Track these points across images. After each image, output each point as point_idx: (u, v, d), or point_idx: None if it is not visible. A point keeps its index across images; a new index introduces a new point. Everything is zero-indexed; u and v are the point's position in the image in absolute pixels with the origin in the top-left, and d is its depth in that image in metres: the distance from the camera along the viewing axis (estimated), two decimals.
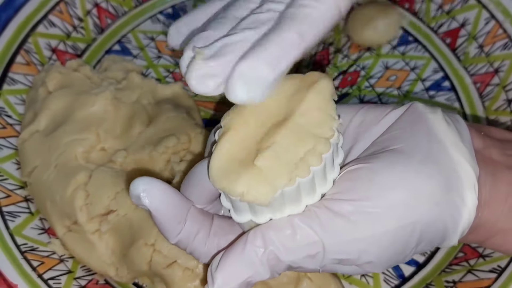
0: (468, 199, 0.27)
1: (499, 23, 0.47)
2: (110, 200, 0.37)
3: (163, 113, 0.43)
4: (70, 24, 0.50)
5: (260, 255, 0.25)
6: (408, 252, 0.28)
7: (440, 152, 0.27)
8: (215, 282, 0.25)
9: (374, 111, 0.30)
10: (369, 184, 0.26)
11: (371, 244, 0.26)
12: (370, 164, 0.27)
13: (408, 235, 0.26)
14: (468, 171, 0.27)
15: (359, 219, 0.25)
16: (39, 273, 0.37)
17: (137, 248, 0.36)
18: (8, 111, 0.44)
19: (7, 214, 0.39)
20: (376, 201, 0.26)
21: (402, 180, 0.26)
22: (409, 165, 0.26)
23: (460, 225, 0.27)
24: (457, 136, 0.28)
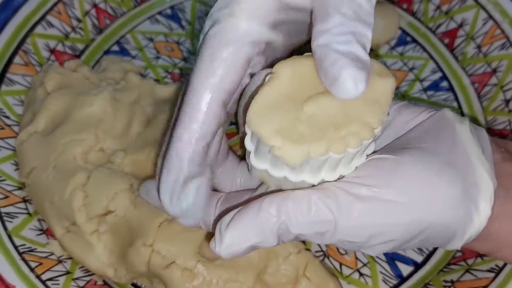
0: (482, 209, 0.27)
1: (497, 24, 0.47)
2: (109, 200, 0.37)
3: (161, 113, 0.43)
4: (68, 24, 0.50)
5: (272, 224, 0.26)
6: (411, 245, 0.28)
7: (463, 160, 0.28)
8: (223, 241, 0.26)
9: (406, 109, 0.31)
10: (392, 174, 0.26)
11: (381, 232, 0.26)
12: (395, 156, 0.27)
13: (417, 231, 0.27)
14: (487, 182, 0.28)
15: (376, 206, 0.26)
16: (37, 274, 0.37)
17: (135, 249, 0.36)
18: (6, 112, 0.44)
19: (5, 215, 0.39)
20: (395, 192, 0.26)
21: (424, 178, 0.26)
22: (433, 165, 0.27)
23: (469, 232, 0.28)
24: (480, 149, 0.29)
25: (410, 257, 0.41)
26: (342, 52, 0.24)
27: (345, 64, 0.24)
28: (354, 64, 0.24)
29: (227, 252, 0.26)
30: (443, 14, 0.51)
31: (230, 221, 0.26)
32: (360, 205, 0.26)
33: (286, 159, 0.24)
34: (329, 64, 0.24)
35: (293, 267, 0.37)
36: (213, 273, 0.36)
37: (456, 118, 0.30)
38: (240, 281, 0.36)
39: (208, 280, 0.36)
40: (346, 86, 0.24)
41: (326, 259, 0.41)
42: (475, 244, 0.30)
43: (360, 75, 0.24)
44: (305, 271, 0.37)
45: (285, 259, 0.37)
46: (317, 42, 0.25)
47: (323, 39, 0.25)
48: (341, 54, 0.24)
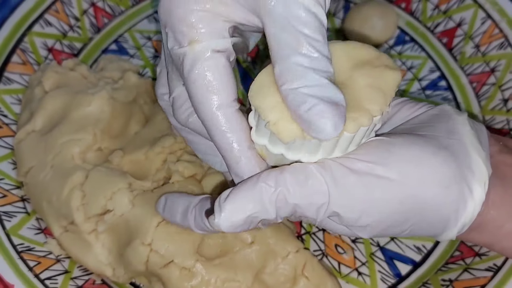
0: (476, 192, 0.28)
1: (495, 23, 0.47)
2: (107, 200, 0.37)
3: (159, 113, 0.43)
4: (66, 23, 0.49)
5: (270, 194, 0.26)
6: (406, 227, 0.28)
7: (459, 147, 0.28)
8: (222, 212, 0.26)
9: (406, 105, 0.31)
10: (387, 153, 0.27)
11: (374, 208, 0.27)
12: (391, 138, 0.28)
13: (411, 209, 0.27)
14: (482, 168, 0.28)
15: (370, 181, 0.26)
16: (35, 273, 0.37)
17: (133, 248, 0.36)
18: (4, 111, 0.44)
19: (3, 214, 0.39)
20: (390, 169, 0.26)
21: (419, 157, 0.27)
22: (428, 147, 0.27)
23: (463, 216, 0.28)
24: (476, 139, 0.29)
25: (409, 256, 0.41)
26: (317, 96, 0.24)
27: (322, 110, 0.24)
28: (331, 109, 0.24)
29: (227, 223, 0.26)
30: (441, 13, 0.51)
31: (228, 194, 0.27)
32: (354, 177, 0.26)
33: (280, 135, 0.25)
34: (305, 110, 0.24)
35: (292, 266, 0.37)
36: (212, 273, 0.36)
37: (455, 111, 0.31)
38: (238, 280, 0.36)
39: (206, 280, 0.36)
40: (325, 130, 0.24)
41: (325, 258, 0.41)
42: (472, 235, 0.30)
43: (338, 119, 0.24)
44: (303, 270, 0.37)
45: (283, 258, 0.37)
46: (286, 86, 0.25)
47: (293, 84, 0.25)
48: (316, 98, 0.24)
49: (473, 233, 0.30)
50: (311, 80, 0.25)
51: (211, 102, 0.27)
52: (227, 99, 0.28)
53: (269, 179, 0.26)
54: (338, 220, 0.28)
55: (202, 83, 0.27)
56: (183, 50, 0.27)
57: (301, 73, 0.25)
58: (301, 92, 0.25)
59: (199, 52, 0.27)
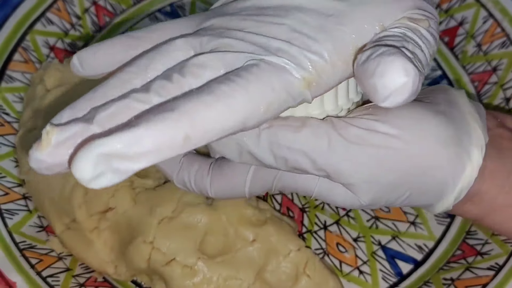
0: (474, 155, 0.28)
1: (497, 22, 0.47)
2: (109, 197, 0.37)
3: None
4: (68, 21, 0.49)
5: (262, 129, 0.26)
6: (403, 191, 0.28)
7: (457, 113, 0.29)
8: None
9: None
10: (387, 111, 0.27)
11: (372, 163, 0.26)
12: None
13: (409, 168, 0.27)
14: (479, 134, 0.29)
15: (370, 135, 0.26)
16: (37, 270, 0.37)
17: (135, 246, 0.36)
18: (6, 109, 0.44)
19: (5, 211, 0.39)
20: (390, 125, 0.27)
21: (419, 116, 0.27)
22: (428, 110, 0.28)
23: (460, 181, 0.28)
24: (474, 110, 0.30)
25: (410, 255, 0.41)
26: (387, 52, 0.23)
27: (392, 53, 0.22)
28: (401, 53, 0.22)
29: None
30: (443, 12, 0.51)
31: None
32: (355, 130, 0.26)
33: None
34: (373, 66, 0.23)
35: (293, 264, 0.37)
36: (214, 270, 0.36)
37: (453, 88, 0.32)
38: (240, 278, 0.36)
39: (208, 277, 0.36)
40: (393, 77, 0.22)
41: (326, 256, 0.41)
42: (466, 207, 0.30)
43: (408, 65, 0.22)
44: (305, 268, 0.37)
45: (285, 256, 0.37)
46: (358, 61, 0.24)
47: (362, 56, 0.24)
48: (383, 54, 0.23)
49: (469, 203, 0.30)
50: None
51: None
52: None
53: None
54: (336, 178, 0.27)
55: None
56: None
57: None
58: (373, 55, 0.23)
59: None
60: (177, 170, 0.31)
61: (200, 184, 0.30)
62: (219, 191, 0.30)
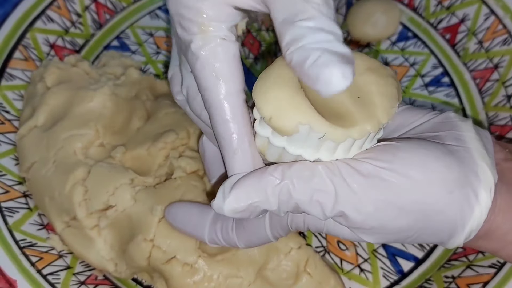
0: (482, 197, 0.27)
1: (499, 19, 0.47)
2: (109, 195, 0.37)
3: (161, 108, 0.43)
4: (68, 19, 0.49)
5: (274, 185, 0.26)
6: (411, 233, 0.28)
7: (464, 152, 0.28)
8: (226, 198, 0.27)
9: (410, 112, 0.31)
10: (392, 157, 0.27)
11: (379, 210, 0.26)
12: (396, 143, 0.28)
13: (415, 213, 0.27)
14: (487, 174, 0.28)
15: (376, 183, 0.26)
16: (38, 268, 0.37)
17: (136, 244, 0.36)
18: (6, 107, 0.44)
19: (6, 209, 0.39)
20: (395, 172, 0.26)
21: (423, 161, 0.27)
22: (432, 152, 0.27)
23: (469, 222, 0.27)
24: (482, 145, 0.29)
25: (411, 253, 0.41)
26: (321, 49, 0.23)
27: (327, 59, 0.23)
28: (337, 58, 0.23)
29: (229, 207, 0.27)
30: (444, 9, 0.51)
31: (235, 182, 0.27)
32: (360, 179, 0.26)
33: (278, 129, 0.25)
34: (309, 64, 0.23)
35: (294, 262, 0.37)
36: (214, 269, 0.36)
37: (459, 118, 0.30)
38: (241, 276, 0.36)
39: (208, 276, 0.36)
40: (332, 80, 0.22)
41: (327, 254, 0.41)
42: (479, 243, 0.30)
43: (346, 68, 0.23)
44: (306, 266, 0.37)
45: (286, 255, 0.37)
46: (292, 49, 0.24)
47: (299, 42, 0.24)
48: (319, 50, 0.23)
49: (481, 240, 0.29)
50: (316, 37, 0.24)
51: (218, 89, 0.28)
52: (234, 88, 0.28)
53: (276, 172, 0.27)
54: (344, 221, 0.27)
55: (210, 70, 0.27)
56: (191, 38, 0.28)
57: (306, 32, 0.24)
58: (304, 48, 0.24)
59: (208, 39, 0.27)
60: (206, 232, 0.32)
61: (228, 240, 0.32)
62: (248, 243, 0.32)
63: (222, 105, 0.28)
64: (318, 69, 0.23)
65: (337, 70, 0.22)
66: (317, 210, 0.27)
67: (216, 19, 0.28)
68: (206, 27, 0.27)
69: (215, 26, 0.28)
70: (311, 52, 0.23)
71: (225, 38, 0.28)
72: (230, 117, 0.28)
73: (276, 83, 0.26)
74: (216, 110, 0.28)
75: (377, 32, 0.50)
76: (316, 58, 0.23)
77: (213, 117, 0.28)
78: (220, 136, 0.28)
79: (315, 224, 0.30)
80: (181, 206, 0.34)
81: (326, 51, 0.23)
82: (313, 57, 0.23)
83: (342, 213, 0.27)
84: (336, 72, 0.22)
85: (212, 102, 0.28)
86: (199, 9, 0.27)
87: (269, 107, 0.25)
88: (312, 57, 0.23)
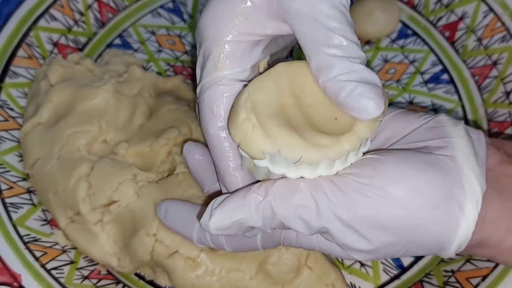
0: (468, 211, 0.27)
1: (498, 16, 0.48)
2: (112, 191, 0.38)
3: (164, 105, 0.43)
4: (71, 18, 0.50)
5: (257, 203, 0.27)
6: (399, 248, 0.28)
7: (450, 162, 0.28)
8: (212, 215, 0.28)
9: (402, 117, 0.31)
10: (374, 171, 0.27)
11: (361, 226, 0.27)
12: (380, 156, 0.28)
13: (400, 229, 0.27)
14: (474, 186, 0.27)
15: (357, 199, 0.26)
16: (42, 263, 0.38)
17: (139, 238, 0.36)
18: (10, 104, 0.44)
19: (10, 205, 0.40)
20: (376, 187, 0.26)
21: (404, 176, 0.27)
22: (416, 165, 0.27)
23: (457, 236, 0.27)
24: (471, 152, 0.28)
25: None
26: (354, 80, 0.26)
27: (363, 91, 0.25)
28: (371, 88, 0.25)
29: (214, 225, 0.28)
30: (443, 7, 0.51)
31: (221, 200, 0.28)
32: (341, 195, 0.26)
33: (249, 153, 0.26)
34: (345, 95, 0.26)
35: (295, 257, 0.37)
36: (216, 263, 0.36)
37: (450, 122, 0.30)
38: (242, 270, 0.37)
39: (211, 269, 0.36)
40: (368, 109, 0.25)
41: None
42: (473, 251, 0.30)
43: (379, 98, 0.25)
44: (306, 260, 0.37)
45: (287, 249, 0.37)
46: (324, 78, 0.26)
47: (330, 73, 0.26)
48: (354, 82, 0.25)
49: (475, 248, 0.29)
50: (346, 67, 0.26)
51: (213, 123, 0.29)
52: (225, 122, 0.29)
53: (260, 190, 0.28)
54: (330, 238, 0.28)
55: (208, 106, 0.29)
56: (204, 70, 0.29)
57: (335, 62, 0.26)
58: (338, 80, 0.26)
59: (216, 76, 0.29)
60: (195, 232, 0.33)
61: (217, 242, 0.32)
62: (236, 249, 0.32)
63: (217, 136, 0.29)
64: (354, 100, 0.25)
65: (372, 101, 0.25)
66: (301, 226, 0.27)
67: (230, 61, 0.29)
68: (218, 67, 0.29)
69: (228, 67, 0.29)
70: (346, 84, 0.26)
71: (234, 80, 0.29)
72: (226, 146, 0.29)
73: (247, 109, 0.27)
74: (211, 140, 0.30)
75: (377, 30, 0.50)
76: (351, 90, 0.25)
77: (209, 145, 0.30)
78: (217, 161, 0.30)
79: (308, 242, 0.30)
80: (172, 204, 0.35)
81: (360, 83, 0.25)
82: (348, 89, 0.25)
83: (326, 229, 0.27)
84: (372, 103, 0.25)
85: (207, 132, 0.30)
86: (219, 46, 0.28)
87: (237, 135, 0.27)
88: (346, 89, 0.26)
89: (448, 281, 0.39)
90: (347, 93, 0.25)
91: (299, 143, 0.26)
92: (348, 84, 0.25)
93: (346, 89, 0.25)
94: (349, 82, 0.25)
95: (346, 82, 0.26)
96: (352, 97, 0.25)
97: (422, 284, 0.40)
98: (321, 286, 0.37)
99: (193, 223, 0.33)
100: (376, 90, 0.25)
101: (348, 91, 0.25)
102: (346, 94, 0.25)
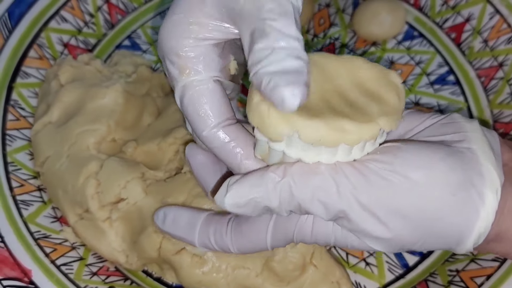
0: (487, 199, 0.27)
1: (504, 18, 0.48)
2: (121, 188, 0.38)
3: (171, 105, 0.44)
4: (81, 19, 0.51)
5: (276, 183, 0.27)
6: (416, 239, 0.27)
7: (468, 153, 0.28)
8: (228, 191, 0.27)
9: (412, 116, 0.31)
10: (394, 158, 0.27)
11: (380, 210, 0.26)
12: (400, 144, 0.28)
13: (418, 216, 0.27)
14: (493, 175, 0.27)
15: (378, 182, 0.26)
16: (51, 259, 0.38)
17: (146, 235, 0.37)
18: (21, 104, 0.45)
19: (21, 202, 0.41)
20: (396, 173, 0.26)
21: (426, 163, 0.27)
22: (436, 153, 0.27)
23: (477, 225, 0.27)
24: (488, 146, 0.28)
25: None
26: (269, 72, 0.25)
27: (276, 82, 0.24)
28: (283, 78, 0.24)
29: (230, 201, 0.27)
30: (450, 8, 0.51)
31: (238, 178, 0.28)
32: (362, 179, 0.26)
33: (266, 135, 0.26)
34: (264, 88, 0.25)
35: (300, 254, 0.37)
36: (222, 260, 0.37)
37: (465, 119, 0.30)
38: (248, 267, 0.37)
39: (217, 266, 0.37)
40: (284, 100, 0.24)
41: (333, 248, 0.42)
42: (490, 246, 0.29)
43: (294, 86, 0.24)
44: (312, 258, 0.38)
45: (292, 246, 0.37)
46: (251, 74, 0.26)
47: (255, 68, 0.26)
48: (268, 74, 0.25)
49: (492, 243, 0.29)
50: (270, 59, 0.25)
51: (205, 124, 0.29)
52: (219, 119, 0.29)
53: (278, 170, 0.27)
54: (347, 223, 0.27)
55: (193, 109, 0.29)
56: (174, 80, 0.29)
57: (260, 56, 0.25)
58: (260, 73, 0.25)
59: (187, 81, 0.28)
60: (196, 235, 0.32)
61: (222, 244, 0.32)
62: (242, 248, 0.31)
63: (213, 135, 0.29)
64: (271, 93, 0.24)
65: (287, 91, 0.24)
66: (319, 209, 0.27)
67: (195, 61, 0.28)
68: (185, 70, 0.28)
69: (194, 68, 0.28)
70: (263, 77, 0.25)
71: (204, 78, 0.28)
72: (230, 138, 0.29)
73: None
74: (209, 142, 0.29)
75: (383, 32, 0.51)
76: (266, 84, 0.25)
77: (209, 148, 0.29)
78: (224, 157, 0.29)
79: (324, 233, 0.29)
80: (171, 210, 0.34)
81: (274, 74, 0.24)
82: (264, 82, 0.25)
83: (344, 213, 0.27)
84: (286, 93, 0.24)
85: (201, 136, 0.29)
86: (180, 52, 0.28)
87: (254, 117, 0.26)
88: (263, 83, 0.25)
89: (452, 280, 0.39)
90: (264, 86, 0.25)
91: (318, 125, 0.25)
92: (265, 78, 0.25)
93: (264, 82, 0.25)
94: (266, 74, 0.25)
95: (264, 74, 0.25)
96: (268, 89, 0.24)
97: (427, 283, 0.40)
98: (326, 284, 0.37)
99: (194, 227, 0.33)
100: (293, 78, 0.24)
101: (265, 83, 0.25)
102: (264, 87, 0.25)
